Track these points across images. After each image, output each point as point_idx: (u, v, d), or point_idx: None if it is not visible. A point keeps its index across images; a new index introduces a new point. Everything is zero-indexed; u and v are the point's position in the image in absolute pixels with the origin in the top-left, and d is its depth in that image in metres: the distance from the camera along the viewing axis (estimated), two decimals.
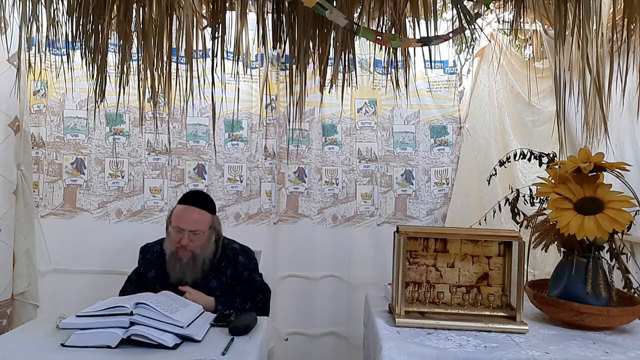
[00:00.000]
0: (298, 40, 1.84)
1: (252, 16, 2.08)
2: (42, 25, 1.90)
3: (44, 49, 2.06)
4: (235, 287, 2.15)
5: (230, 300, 2.03)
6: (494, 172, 2.54)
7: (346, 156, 2.94)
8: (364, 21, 1.91)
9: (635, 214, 1.80)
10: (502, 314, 1.75)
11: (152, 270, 2.16)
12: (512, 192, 2.49)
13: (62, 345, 1.52)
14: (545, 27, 2.52)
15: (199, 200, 2.14)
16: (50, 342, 1.56)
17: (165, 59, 1.76)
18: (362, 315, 2.24)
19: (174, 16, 1.76)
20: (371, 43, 2.53)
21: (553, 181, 1.85)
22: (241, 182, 2.91)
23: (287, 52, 1.90)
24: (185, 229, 2.03)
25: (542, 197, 2.22)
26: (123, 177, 2.86)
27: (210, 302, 1.98)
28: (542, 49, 2.77)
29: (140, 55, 1.80)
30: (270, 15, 1.90)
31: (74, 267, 2.80)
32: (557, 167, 1.83)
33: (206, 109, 2.86)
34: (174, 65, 1.81)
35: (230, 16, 1.91)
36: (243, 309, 2.01)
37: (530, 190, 2.41)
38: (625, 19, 1.77)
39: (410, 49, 2.04)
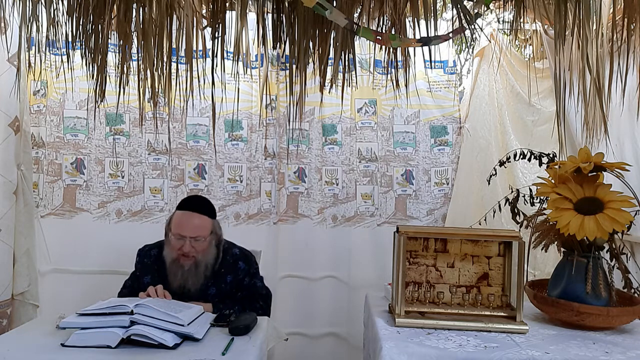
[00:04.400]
0: (298, 40, 1.84)
1: (252, 16, 2.08)
2: (42, 25, 1.90)
3: (44, 49, 2.06)
4: (236, 294, 2.12)
5: (229, 308, 1.97)
6: (494, 172, 2.54)
7: (346, 156, 2.94)
8: (364, 21, 1.91)
9: (635, 214, 1.80)
10: (502, 314, 1.75)
11: (149, 275, 2.12)
12: (512, 192, 2.49)
13: (62, 345, 1.52)
14: (545, 27, 2.52)
15: (198, 204, 2.09)
16: (50, 342, 1.56)
17: (165, 59, 1.75)
18: (362, 316, 2.24)
19: (174, 16, 1.76)
20: (371, 43, 2.53)
21: (553, 181, 1.85)
22: (241, 182, 2.91)
23: (287, 52, 1.90)
24: (187, 235, 1.99)
25: (542, 197, 2.22)
26: (123, 177, 2.86)
27: (208, 309, 1.93)
28: (542, 49, 2.77)
29: (140, 55, 1.80)
30: (270, 15, 1.90)
31: (74, 267, 2.80)
32: (557, 167, 1.83)
33: (206, 109, 2.86)
34: (174, 65, 1.80)
35: (230, 16, 1.90)
36: None
37: (530, 190, 2.41)
38: (625, 19, 1.77)
39: (410, 49, 2.04)
